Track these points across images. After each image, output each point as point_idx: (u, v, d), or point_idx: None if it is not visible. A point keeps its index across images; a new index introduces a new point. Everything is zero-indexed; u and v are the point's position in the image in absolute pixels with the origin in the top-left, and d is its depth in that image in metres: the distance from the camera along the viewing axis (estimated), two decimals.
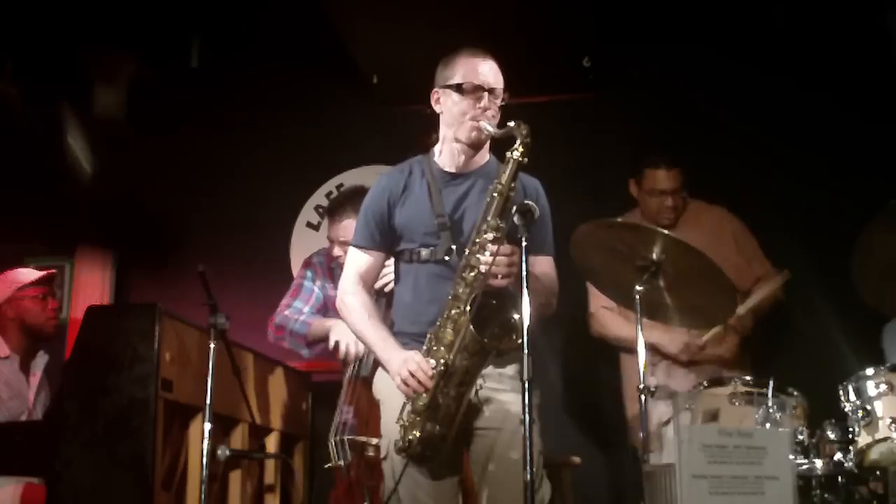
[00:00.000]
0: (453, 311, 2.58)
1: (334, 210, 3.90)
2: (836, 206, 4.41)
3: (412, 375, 2.55)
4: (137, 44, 5.37)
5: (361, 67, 4.88)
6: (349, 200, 3.78)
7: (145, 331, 3.04)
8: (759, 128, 4.74)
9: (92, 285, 5.31)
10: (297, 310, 3.84)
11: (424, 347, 2.61)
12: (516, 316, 2.51)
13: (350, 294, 2.82)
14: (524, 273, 2.42)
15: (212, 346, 3.07)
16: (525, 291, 2.40)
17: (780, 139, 4.69)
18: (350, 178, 5.17)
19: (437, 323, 2.61)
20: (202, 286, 3.07)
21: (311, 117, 5.31)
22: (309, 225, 5.34)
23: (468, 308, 2.51)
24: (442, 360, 2.54)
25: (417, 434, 2.56)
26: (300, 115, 5.33)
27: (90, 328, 3.14)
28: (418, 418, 2.57)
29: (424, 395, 2.56)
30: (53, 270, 4.40)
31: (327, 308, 3.84)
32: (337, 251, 3.78)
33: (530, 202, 2.51)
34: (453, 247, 2.69)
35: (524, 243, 2.45)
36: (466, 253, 2.60)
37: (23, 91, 5.33)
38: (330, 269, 3.93)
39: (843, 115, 4.58)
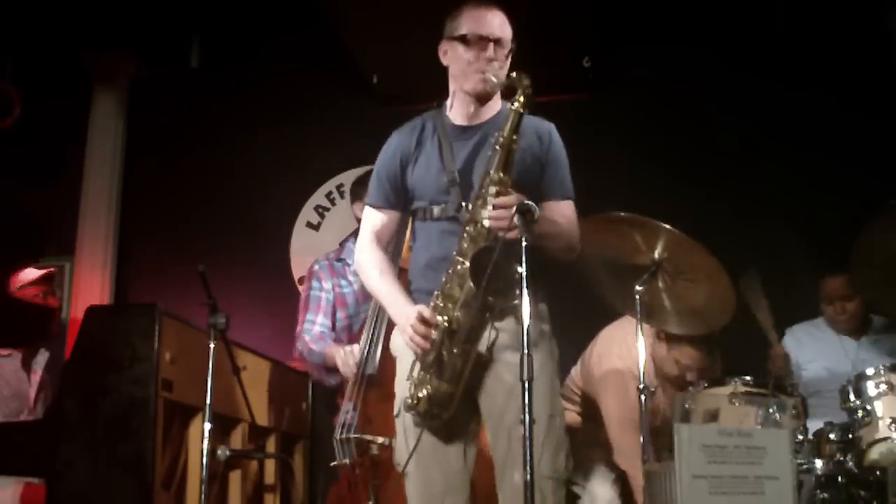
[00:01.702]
0: (458, 267, 2.56)
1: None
2: (835, 205, 4.41)
3: (414, 330, 2.55)
4: (138, 44, 5.38)
5: (361, 67, 4.88)
6: None
7: (145, 331, 3.04)
8: (759, 128, 4.74)
9: (92, 285, 5.32)
10: (310, 321, 3.83)
11: (432, 304, 2.59)
12: (520, 269, 2.49)
13: (363, 252, 2.83)
14: (524, 272, 2.41)
15: (211, 345, 3.07)
16: (525, 292, 2.39)
17: (779, 139, 4.69)
18: (350, 178, 5.17)
19: (443, 279, 2.60)
20: (202, 286, 3.07)
21: (311, 117, 5.32)
22: (309, 225, 5.34)
23: (467, 263, 2.50)
24: (445, 318, 2.53)
25: (425, 392, 2.55)
26: (300, 115, 5.34)
27: (90, 328, 3.14)
28: (427, 375, 2.56)
29: (431, 351, 2.55)
30: (52, 269, 4.40)
31: (344, 304, 3.85)
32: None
33: (530, 203, 2.48)
34: (463, 203, 2.65)
35: (524, 243, 2.43)
36: (470, 208, 2.58)
37: (23, 90, 5.34)
38: (333, 267, 3.93)
39: (843, 115, 4.59)
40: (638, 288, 3.10)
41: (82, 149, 5.53)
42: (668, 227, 3.08)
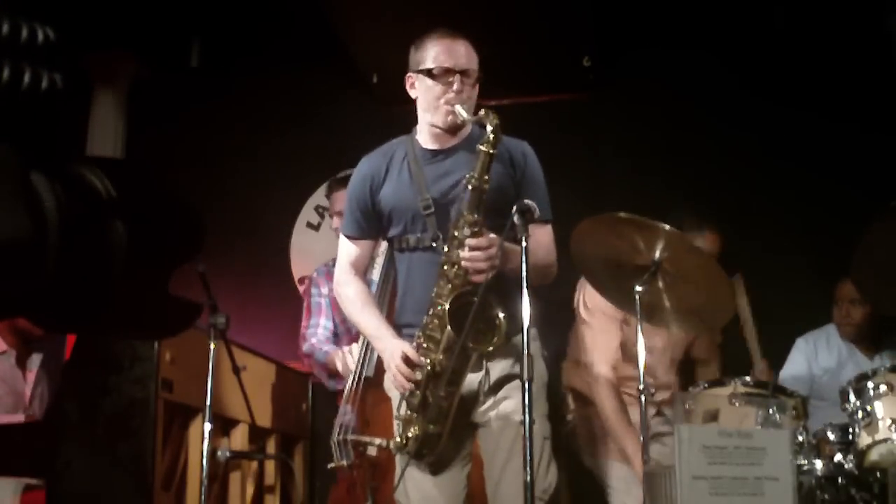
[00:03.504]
0: (438, 308, 2.55)
1: (333, 185, 4.06)
2: (835, 206, 4.41)
3: (398, 370, 2.55)
4: (137, 43, 5.37)
5: (361, 67, 4.88)
6: (341, 178, 3.95)
7: None
8: (758, 128, 4.74)
9: None
10: (314, 325, 3.86)
11: (415, 344, 2.59)
12: (501, 315, 2.49)
13: (343, 285, 2.81)
14: (524, 273, 2.41)
15: (212, 346, 3.07)
16: (525, 292, 2.39)
17: (780, 139, 4.69)
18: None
19: (424, 320, 2.59)
20: (202, 286, 3.07)
21: (311, 117, 5.32)
22: (309, 225, 5.34)
23: (446, 307, 2.49)
24: (428, 361, 2.53)
25: (413, 433, 2.56)
26: (300, 115, 5.33)
27: None
28: (414, 415, 2.56)
29: (417, 393, 2.55)
30: None
31: (339, 307, 3.87)
32: (336, 223, 3.88)
33: (530, 202, 2.48)
34: (439, 233, 2.63)
35: (524, 244, 2.42)
36: (446, 249, 2.56)
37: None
38: (330, 273, 3.95)
39: (843, 116, 4.58)
40: (638, 288, 3.10)
41: (82, 149, 5.52)
42: (667, 227, 3.07)
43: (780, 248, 4.47)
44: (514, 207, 2.46)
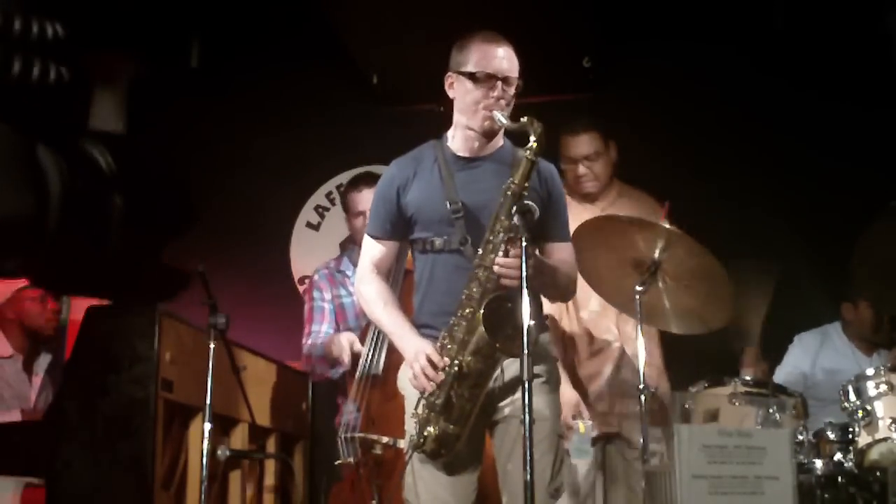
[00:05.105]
0: (467, 311, 2.55)
1: (349, 186, 3.99)
2: (836, 205, 4.41)
3: (422, 371, 2.55)
4: (136, 43, 5.37)
5: (361, 67, 4.88)
6: (363, 178, 3.90)
7: (145, 331, 3.03)
8: (760, 127, 4.74)
9: None
10: (316, 333, 3.85)
11: (438, 344, 2.59)
12: (532, 322, 2.50)
13: (365, 283, 2.81)
14: (524, 274, 2.42)
15: (211, 346, 3.06)
16: (525, 292, 2.40)
17: (781, 138, 4.69)
18: (350, 178, 5.17)
19: (451, 321, 2.59)
20: (202, 286, 3.07)
21: (311, 117, 5.32)
22: (309, 225, 5.34)
23: (481, 311, 2.50)
24: (456, 361, 2.53)
25: (432, 432, 2.56)
26: (300, 115, 5.34)
27: (90, 328, 3.14)
28: (434, 415, 2.57)
29: (439, 393, 2.55)
30: None
31: (344, 316, 3.86)
32: (360, 223, 3.77)
33: (530, 203, 2.49)
34: (468, 236, 2.64)
35: (524, 244, 2.43)
36: (480, 252, 2.57)
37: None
38: (333, 277, 3.94)
39: (844, 113, 4.58)
40: (638, 288, 3.10)
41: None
42: (668, 226, 3.08)
43: (784, 242, 4.47)
44: (515, 208, 2.47)
